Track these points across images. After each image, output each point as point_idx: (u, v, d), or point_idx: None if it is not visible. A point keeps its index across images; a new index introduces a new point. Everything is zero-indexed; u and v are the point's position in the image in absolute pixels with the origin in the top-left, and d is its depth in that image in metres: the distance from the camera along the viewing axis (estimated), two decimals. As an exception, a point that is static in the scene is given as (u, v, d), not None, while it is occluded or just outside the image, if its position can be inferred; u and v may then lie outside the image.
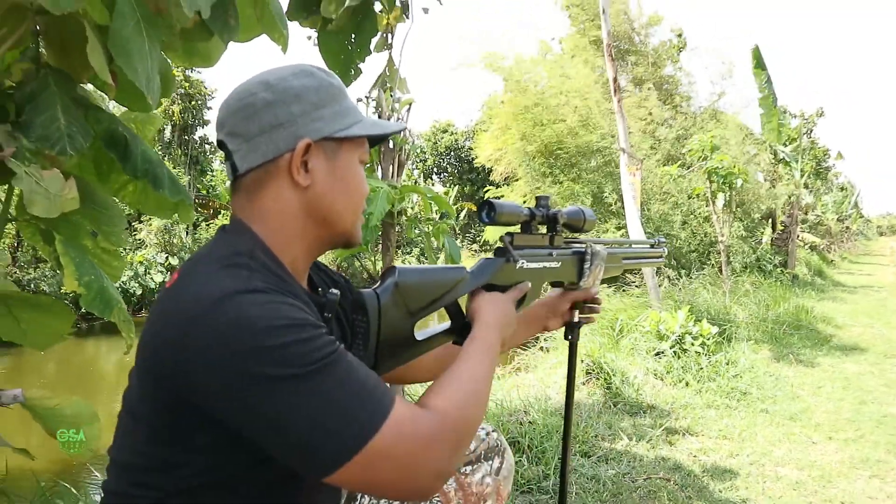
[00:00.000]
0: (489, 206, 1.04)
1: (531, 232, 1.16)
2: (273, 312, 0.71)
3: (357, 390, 0.71)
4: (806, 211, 17.26)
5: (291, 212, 0.85)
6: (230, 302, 0.71)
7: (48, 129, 1.45)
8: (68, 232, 1.71)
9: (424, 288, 0.93)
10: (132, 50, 1.32)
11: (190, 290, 0.74)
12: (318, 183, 0.86)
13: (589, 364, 3.99)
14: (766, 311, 6.64)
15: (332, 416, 0.69)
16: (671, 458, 2.90)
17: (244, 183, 0.86)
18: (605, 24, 5.63)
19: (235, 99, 0.85)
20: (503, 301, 1.03)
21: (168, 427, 0.75)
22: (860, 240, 34.19)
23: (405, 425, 0.72)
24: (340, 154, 0.88)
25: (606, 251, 1.24)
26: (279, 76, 0.85)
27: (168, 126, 18.44)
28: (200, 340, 0.70)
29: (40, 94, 1.47)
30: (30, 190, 1.50)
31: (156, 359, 0.75)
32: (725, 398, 3.87)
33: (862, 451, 3.10)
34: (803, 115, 17.57)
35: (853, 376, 4.67)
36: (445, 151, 27.40)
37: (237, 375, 0.68)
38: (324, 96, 0.86)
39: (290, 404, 0.68)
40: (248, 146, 0.84)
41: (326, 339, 0.73)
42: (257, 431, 0.70)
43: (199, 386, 0.71)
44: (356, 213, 0.92)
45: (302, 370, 0.69)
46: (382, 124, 0.96)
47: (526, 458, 2.66)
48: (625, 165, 5.45)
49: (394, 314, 0.88)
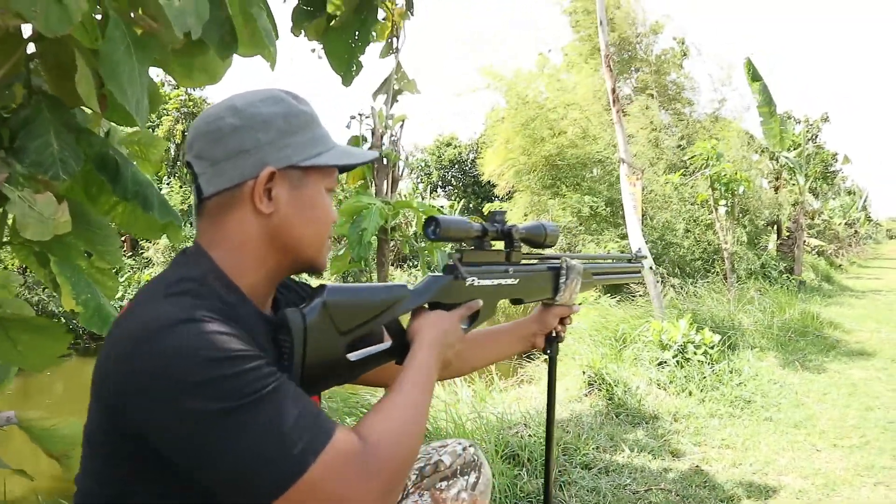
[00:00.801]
0: (434, 221, 1.02)
1: (484, 248, 1.13)
2: (209, 344, 0.70)
3: (290, 425, 0.71)
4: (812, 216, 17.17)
5: (253, 238, 0.85)
6: (168, 332, 0.71)
7: (41, 154, 1.48)
8: (62, 253, 1.74)
9: (356, 307, 0.90)
10: (122, 73, 1.35)
11: (134, 320, 0.75)
12: (280, 211, 0.86)
13: (591, 375, 3.98)
14: (771, 317, 6.60)
15: (261, 451, 0.69)
16: (673, 468, 2.88)
17: (208, 206, 0.86)
18: (603, 35, 5.66)
19: (204, 122, 0.85)
20: (446, 320, 1.01)
21: (120, 456, 0.75)
22: (869, 244, 33.92)
23: (337, 462, 0.72)
24: (306, 182, 0.88)
25: (583, 266, 1.24)
26: (248, 101, 0.85)
27: (173, 145, 18.59)
28: (139, 371, 0.70)
29: (34, 121, 1.50)
30: (23, 214, 1.53)
31: (103, 387, 0.75)
32: (729, 407, 3.85)
33: (867, 458, 3.06)
34: (808, 120, 17.52)
35: (860, 382, 4.62)
36: (449, 165, 27.46)
37: (172, 407, 0.69)
38: (293, 123, 0.86)
39: (220, 437, 0.68)
40: (213, 170, 0.84)
41: (262, 372, 0.72)
42: (192, 463, 0.70)
43: (140, 416, 0.71)
44: (320, 241, 0.91)
45: (233, 403, 0.69)
46: (353, 154, 0.95)
47: (525, 472, 2.66)
48: (625, 175, 5.46)
49: (321, 334, 0.85)
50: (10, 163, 1.50)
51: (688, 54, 14.18)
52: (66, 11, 1.25)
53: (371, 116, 2.47)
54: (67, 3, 1.25)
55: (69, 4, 1.25)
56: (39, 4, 1.22)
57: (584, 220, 9.75)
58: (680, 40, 15.17)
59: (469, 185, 26.10)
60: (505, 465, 2.67)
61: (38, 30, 1.24)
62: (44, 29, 1.23)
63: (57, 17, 1.25)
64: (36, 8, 1.22)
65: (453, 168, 27.38)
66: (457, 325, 1.02)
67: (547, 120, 9.92)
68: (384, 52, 1.95)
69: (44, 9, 1.22)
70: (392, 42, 1.95)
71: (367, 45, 1.89)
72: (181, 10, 1.35)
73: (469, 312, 1.06)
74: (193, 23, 1.36)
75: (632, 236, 5.35)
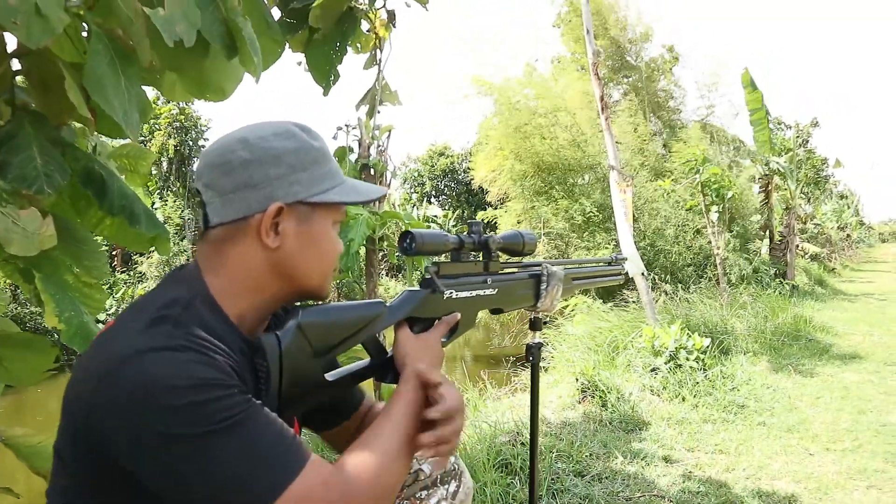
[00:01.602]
0: (409, 236, 1.01)
1: (462, 260, 1.13)
2: (180, 371, 0.71)
3: (263, 452, 0.71)
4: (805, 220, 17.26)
5: (255, 268, 0.86)
6: (139, 360, 0.71)
7: (24, 169, 1.48)
8: (48, 269, 1.73)
9: (331, 327, 0.90)
10: (107, 86, 1.35)
11: (112, 343, 0.75)
12: (287, 245, 0.86)
13: (584, 382, 3.98)
14: (764, 322, 6.62)
15: (233, 476, 0.69)
16: (667, 474, 2.88)
17: (213, 234, 0.86)
18: (590, 44, 5.70)
19: (215, 153, 0.86)
20: (430, 345, 1.01)
21: (89, 473, 0.75)
22: (862, 247, 34.10)
23: (308, 490, 0.72)
24: (314, 217, 0.89)
25: (564, 271, 1.25)
26: (260, 135, 0.86)
27: (165, 159, 18.59)
28: (111, 395, 0.70)
29: (16, 136, 1.50)
30: (6, 229, 1.53)
31: (75, 405, 0.75)
32: (722, 412, 3.85)
33: (860, 462, 3.07)
34: (798, 125, 17.63)
35: (852, 385, 4.64)
36: (443, 174, 27.53)
37: (143, 432, 0.69)
38: (303, 159, 0.87)
39: (191, 462, 0.69)
40: (221, 200, 0.85)
41: (234, 400, 0.72)
42: (162, 486, 0.71)
43: (110, 438, 0.71)
44: (324, 274, 0.92)
45: (203, 429, 0.69)
46: (362, 190, 0.95)
47: (518, 480, 2.65)
48: (615, 182, 5.49)
49: (297, 356, 0.84)
50: (-9, 179, 1.50)
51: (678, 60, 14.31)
52: (48, 22, 1.25)
53: (358, 127, 2.48)
54: (48, 14, 1.25)
55: (50, 15, 1.25)
56: (20, 16, 1.23)
57: (577, 227, 9.77)
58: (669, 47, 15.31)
59: (462, 194, 26.16)
60: (497, 474, 2.66)
61: (21, 41, 1.24)
62: (26, 40, 1.23)
63: (39, 28, 1.25)
64: (17, 19, 1.22)
65: (446, 177, 27.45)
66: (439, 348, 1.02)
67: (537, 126, 9.95)
68: (368, 64, 1.96)
69: (25, 20, 1.23)
70: (375, 54, 1.96)
71: (345, 55, 1.90)
72: (168, 18, 1.36)
73: (447, 329, 1.06)
74: (184, 30, 1.36)
75: (623, 242, 5.37)
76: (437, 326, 1.05)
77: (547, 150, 9.87)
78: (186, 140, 18.68)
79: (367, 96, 2.12)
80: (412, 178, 28.18)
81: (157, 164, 18.84)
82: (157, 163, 18.82)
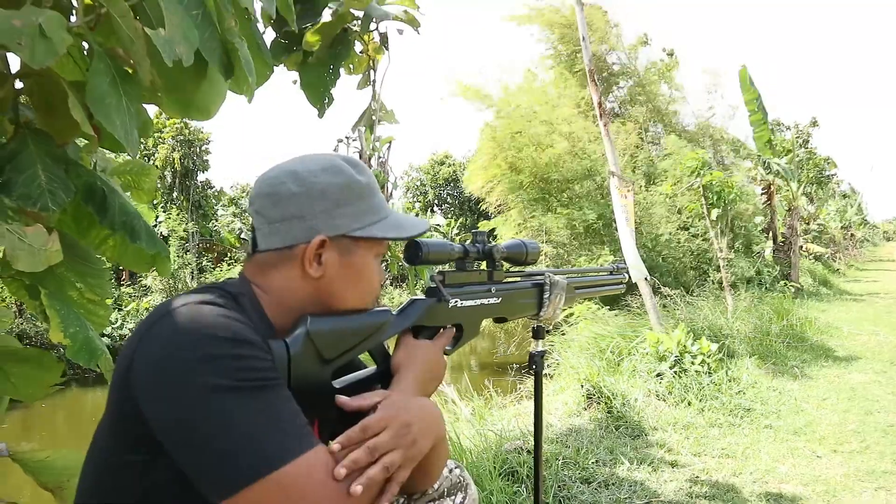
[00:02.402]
0: (416, 245, 1.03)
1: (466, 269, 1.14)
2: (222, 324, 0.74)
3: (281, 420, 0.73)
4: (808, 221, 17.23)
5: (297, 293, 0.90)
6: (184, 310, 0.75)
7: (29, 187, 1.49)
8: (54, 285, 1.75)
9: (339, 335, 0.91)
10: (109, 105, 1.37)
11: (158, 307, 0.80)
12: (329, 275, 0.91)
13: (589, 389, 3.97)
14: (768, 324, 6.60)
15: (248, 435, 0.70)
16: (673, 480, 2.87)
17: (260, 257, 0.91)
18: (586, 50, 5.72)
19: (266, 183, 0.91)
20: (430, 352, 1.02)
21: (116, 420, 0.78)
22: (866, 246, 33.99)
23: (318, 470, 0.73)
24: (356, 251, 0.93)
25: (566, 280, 1.26)
26: (309, 169, 0.91)
27: (169, 173, 18.66)
28: (150, 342, 0.74)
29: (20, 154, 1.52)
30: (12, 247, 1.55)
31: (120, 361, 0.79)
32: (728, 416, 3.84)
33: (867, 463, 3.06)
34: (797, 126, 17.63)
35: (859, 386, 4.62)
36: (444, 183, 27.58)
37: (171, 377, 0.71)
38: (348, 195, 0.91)
39: (210, 413, 0.70)
40: (269, 228, 0.90)
41: (267, 365, 0.76)
42: (174, 438, 0.72)
43: (138, 389, 0.74)
44: (363, 303, 0.96)
45: (231, 383, 0.71)
46: (404, 225, 0.98)
47: (525, 488, 2.65)
48: (615, 188, 5.48)
49: (305, 363, 0.86)
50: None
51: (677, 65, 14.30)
52: (51, 44, 1.27)
53: (358, 139, 2.50)
54: (52, 35, 1.27)
55: (53, 37, 1.27)
56: (25, 37, 1.25)
57: (578, 236, 9.75)
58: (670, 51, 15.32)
59: (464, 203, 26.19)
60: (504, 482, 2.66)
61: (25, 61, 1.26)
62: (30, 61, 1.25)
63: (43, 49, 1.27)
64: (21, 41, 1.24)
65: (448, 186, 27.49)
66: (440, 357, 1.04)
67: (534, 135, 9.93)
68: (362, 84, 1.98)
69: (29, 42, 1.25)
70: (369, 74, 1.98)
71: (339, 78, 1.93)
72: (168, 39, 1.38)
73: (448, 340, 1.08)
74: (184, 50, 1.38)
75: (625, 248, 5.36)
76: (439, 336, 1.06)
77: (545, 159, 9.84)
78: (190, 154, 18.77)
79: (363, 117, 2.13)
80: (414, 188, 28.23)
81: (162, 177, 18.94)
82: (162, 176, 18.92)
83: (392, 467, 0.79)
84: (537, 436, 1.32)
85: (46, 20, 1.21)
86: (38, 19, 1.20)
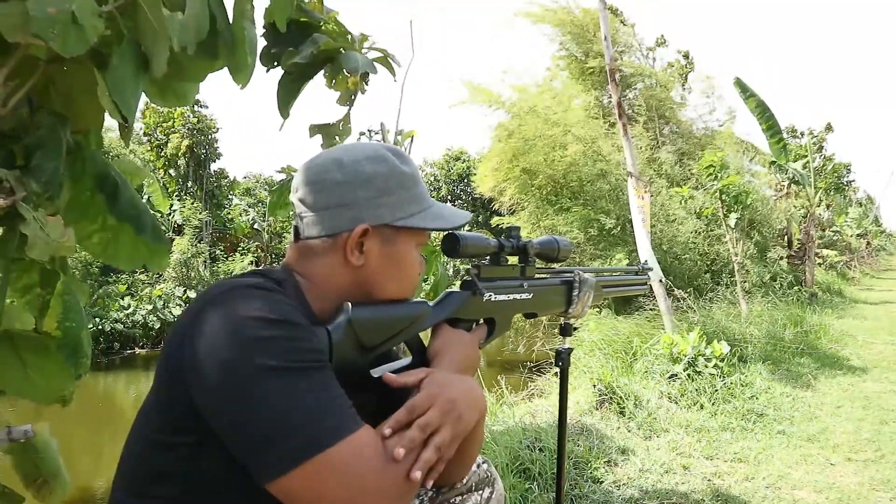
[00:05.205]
0: (454, 238, 1.03)
1: (500, 263, 1.15)
2: (272, 307, 0.75)
3: (330, 400, 0.74)
4: (824, 228, 17.07)
5: (338, 281, 0.91)
6: (234, 294, 0.76)
7: (53, 176, 1.50)
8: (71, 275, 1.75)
9: (379, 324, 0.92)
10: (128, 94, 1.38)
11: (207, 290, 0.81)
12: (370, 264, 0.91)
13: (602, 389, 3.96)
14: (782, 330, 6.55)
15: (298, 415, 0.71)
16: (685, 482, 2.86)
17: (303, 245, 0.92)
18: (608, 49, 5.69)
19: (311, 171, 0.92)
20: (467, 342, 1.02)
21: (166, 424, 0.78)
22: (882, 255, 33.64)
23: (367, 448, 0.73)
24: (398, 240, 0.93)
25: (595, 279, 1.25)
26: (354, 158, 0.91)
27: (183, 161, 18.76)
28: (200, 324, 0.75)
29: (48, 142, 1.53)
30: (34, 235, 1.55)
31: (169, 349, 0.79)
32: (741, 420, 3.82)
33: (882, 473, 3.03)
34: (811, 132, 17.45)
35: (873, 395, 4.58)
36: (458, 179, 27.57)
37: (219, 358, 0.72)
38: (392, 184, 0.92)
39: (260, 394, 0.70)
40: (313, 216, 0.90)
41: (316, 346, 0.77)
42: (224, 419, 0.72)
43: (189, 371, 0.74)
44: (404, 292, 0.97)
45: (279, 363, 0.72)
46: (446, 215, 0.98)
47: (537, 486, 2.64)
48: (633, 188, 5.46)
49: (347, 351, 0.87)
50: (25, 182, 1.52)
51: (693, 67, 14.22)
52: (83, 32, 1.28)
53: (380, 132, 2.50)
54: (84, 24, 1.28)
55: (86, 24, 1.28)
56: (58, 26, 1.25)
57: (592, 238, 9.69)
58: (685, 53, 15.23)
59: (477, 200, 26.15)
60: (516, 479, 2.66)
61: (56, 50, 1.27)
62: (62, 49, 1.25)
63: (75, 37, 1.27)
64: (54, 30, 1.25)
65: (462, 182, 27.47)
66: (475, 349, 1.04)
67: (546, 137, 9.86)
68: (342, 100, 1.97)
69: (62, 30, 1.25)
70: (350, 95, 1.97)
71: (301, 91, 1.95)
72: (184, 24, 1.38)
73: (485, 333, 1.09)
74: (191, 39, 1.38)
75: (641, 249, 5.33)
76: (476, 329, 1.07)
77: (558, 162, 9.78)
78: (202, 142, 18.84)
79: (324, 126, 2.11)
80: (429, 183, 28.24)
81: (176, 166, 19.05)
82: (176, 165, 19.03)
83: (443, 446, 0.79)
84: (561, 433, 1.32)
85: (79, 7, 1.21)
86: (71, 6, 1.21)
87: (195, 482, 0.77)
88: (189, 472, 0.77)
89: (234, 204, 20.31)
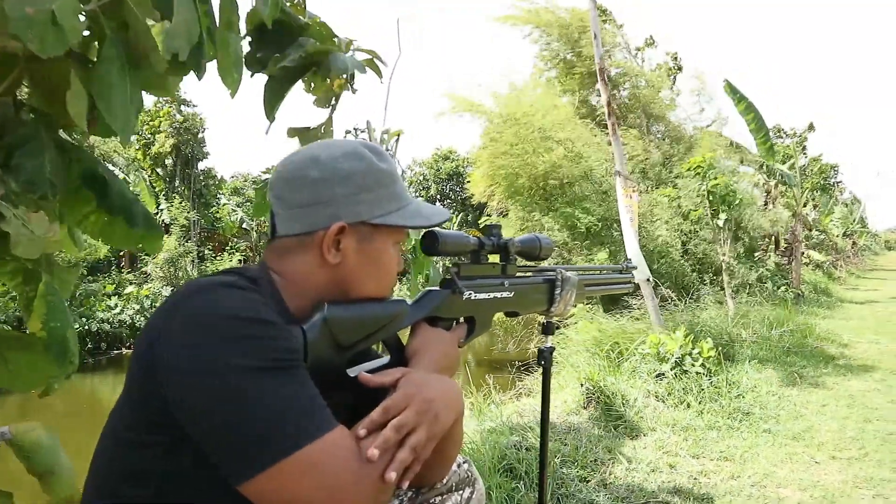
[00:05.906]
0: (433, 236, 1.03)
1: (481, 261, 1.14)
2: (245, 305, 0.74)
3: (303, 400, 0.73)
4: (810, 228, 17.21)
5: (315, 279, 0.90)
6: (207, 291, 0.76)
7: (36, 174, 1.49)
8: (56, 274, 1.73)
9: (355, 322, 0.91)
10: (114, 93, 1.36)
11: (181, 288, 0.80)
12: (347, 262, 0.90)
13: (589, 388, 3.97)
14: (769, 329, 6.60)
15: (271, 414, 0.70)
16: (671, 481, 2.88)
17: (279, 243, 0.91)
18: (598, 48, 5.70)
19: (287, 169, 0.91)
20: (446, 341, 1.01)
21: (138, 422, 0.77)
22: (867, 255, 33.97)
23: (341, 449, 0.73)
24: (375, 238, 0.92)
25: (577, 277, 1.25)
26: (331, 155, 0.90)
27: (170, 160, 18.63)
28: (173, 322, 0.74)
29: (31, 140, 1.51)
30: (17, 232, 1.53)
31: (141, 347, 0.78)
32: (727, 419, 3.84)
33: (866, 470, 3.06)
34: (795, 132, 17.57)
35: (858, 394, 4.62)
36: (447, 178, 27.56)
37: (192, 356, 0.71)
38: (369, 181, 0.90)
39: (233, 393, 0.69)
40: (288, 214, 0.89)
41: (289, 345, 0.76)
42: (196, 419, 0.71)
43: (161, 368, 0.73)
44: (381, 290, 0.96)
45: (252, 363, 0.71)
46: (425, 213, 0.97)
47: (523, 485, 2.65)
48: (620, 188, 5.48)
49: (322, 349, 0.86)
50: (5, 181, 1.51)
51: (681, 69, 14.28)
52: (62, 33, 1.26)
53: (366, 131, 2.49)
54: (64, 23, 1.26)
55: (65, 25, 1.26)
56: (36, 27, 1.23)
57: (578, 236, 9.71)
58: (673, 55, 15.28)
59: (467, 198, 26.17)
60: (503, 478, 2.66)
61: (34, 51, 1.25)
62: (40, 51, 1.24)
63: (53, 38, 1.25)
64: (32, 30, 1.23)
65: (451, 181, 27.47)
66: (454, 348, 1.03)
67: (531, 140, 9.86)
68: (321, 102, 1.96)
69: (40, 32, 1.23)
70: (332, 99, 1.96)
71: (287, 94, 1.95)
72: (174, 31, 1.37)
73: (465, 332, 1.08)
74: (183, 45, 1.37)
75: (628, 249, 5.35)
76: (456, 328, 1.06)
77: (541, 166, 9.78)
78: (188, 141, 18.70)
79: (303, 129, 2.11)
80: (417, 183, 28.23)
81: (163, 165, 18.92)
82: (163, 164, 18.90)
83: (418, 447, 0.78)
84: (544, 431, 1.32)
85: (60, 7, 1.19)
86: (51, 5, 1.19)
87: (169, 481, 0.76)
88: (162, 470, 0.76)
89: (223, 203, 20.20)
